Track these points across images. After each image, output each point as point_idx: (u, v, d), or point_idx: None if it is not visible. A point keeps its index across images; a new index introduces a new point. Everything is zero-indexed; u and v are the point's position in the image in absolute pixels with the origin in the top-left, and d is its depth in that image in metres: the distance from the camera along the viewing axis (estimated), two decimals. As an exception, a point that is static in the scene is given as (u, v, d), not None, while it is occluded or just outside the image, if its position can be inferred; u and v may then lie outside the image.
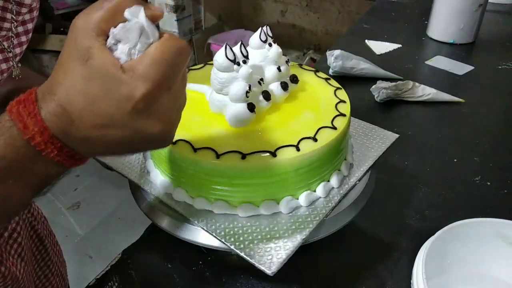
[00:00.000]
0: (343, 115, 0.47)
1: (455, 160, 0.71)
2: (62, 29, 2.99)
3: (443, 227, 0.48)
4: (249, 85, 0.44)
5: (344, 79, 0.92)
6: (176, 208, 0.46)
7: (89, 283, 0.52)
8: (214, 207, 0.45)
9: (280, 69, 0.49)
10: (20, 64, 0.47)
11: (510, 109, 0.90)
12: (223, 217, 0.44)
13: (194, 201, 0.45)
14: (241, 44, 0.45)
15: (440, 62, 1.04)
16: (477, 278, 0.50)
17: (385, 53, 1.09)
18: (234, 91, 0.44)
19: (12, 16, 0.44)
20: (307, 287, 0.51)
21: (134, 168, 0.51)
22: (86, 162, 0.31)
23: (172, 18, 2.28)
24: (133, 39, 0.27)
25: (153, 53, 0.27)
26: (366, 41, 1.14)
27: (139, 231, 0.57)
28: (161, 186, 0.48)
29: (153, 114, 0.28)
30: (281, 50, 0.50)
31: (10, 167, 0.28)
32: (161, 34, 0.28)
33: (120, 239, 1.32)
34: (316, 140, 0.44)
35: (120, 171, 0.51)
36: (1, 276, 0.50)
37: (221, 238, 0.42)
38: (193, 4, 2.36)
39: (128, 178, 0.50)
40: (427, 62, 1.04)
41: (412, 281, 0.45)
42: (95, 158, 0.44)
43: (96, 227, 1.74)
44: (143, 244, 0.56)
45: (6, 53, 0.45)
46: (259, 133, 0.45)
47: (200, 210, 0.45)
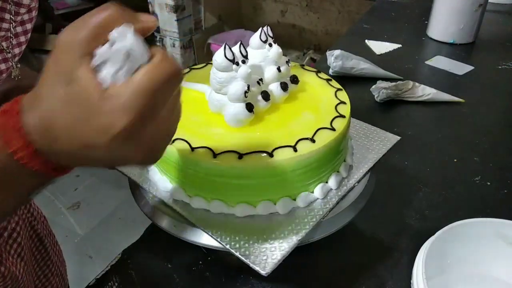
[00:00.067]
0: (343, 117, 0.47)
1: (455, 160, 0.71)
2: (62, 29, 2.98)
3: (443, 227, 0.48)
4: (248, 85, 0.44)
5: (344, 79, 0.92)
6: (174, 207, 0.46)
7: (89, 283, 0.52)
8: (211, 207, 0.45)
9: (280, 70, 0.49)
10: (20, 65, 0.47)
11: (510, 109, 0.90)
12: (220, 216, 0.44)
13: (192, 200, 0.46)
14: (241, 44, 0.45)
15: (440, 62, 1.04)
16: (477, 278, 0.50)
17: (385, 53, 1.09)
18: (233, 91, 0.44)
19: (11, 17, 0.44)
20: (307, 287, 0.51)
21: (136, 167, 0.51)
22: (72, 171, 0.30)
23: (172, 18, 2.28)
24: (119, 62, 0.25)
25: (139, 81, 0.25)
26: (366, 41, 1.14)
27: (139, 231, 0.57)
28: (159, 185, 0.48)
29: (135, 143, 0.26)
30: (281, 51, 0.50)
31: None
32: (152, 54, 0.26)
33: (120, 239, 1.32)
34: (314, 141, 0.43)
35: (120, 169, 0.51)
36: (1, 276, 0.50)
37: (217, 238, 0.42)
38: (193, 4, 2.36)
39: (128, 177, 0.50)
40: (427, 62, 1.04)
41: (412, 281, 0.45)
42: None
43: (96, 227, 1.74)
44: (143, 244, 0.56)
45: (5, 54, 0.45)
46: (258, 133, 0.45)
47: (197, 209, 0.45)
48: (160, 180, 0.48)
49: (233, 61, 0.44)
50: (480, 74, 1.00)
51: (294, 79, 0.51)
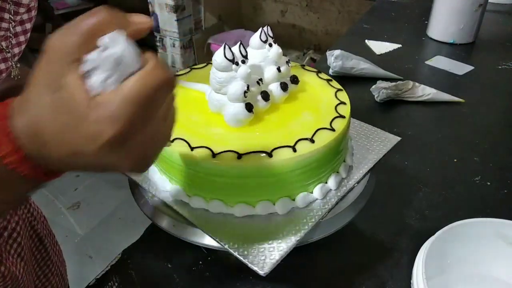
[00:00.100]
0: (343, 117, 0.47)
1: (455, 160, 0.71)
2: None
3: (443, 227, 0.48)
4: (248, 85, 0.44)
5: (344, 79, 0.92)
6: (173, 206, 0.46)
7: (89, 283, 0.52)
8: (210, 206, 0.45)
9: (280, 70, 0.49)
10: (19, 64, 0.47)
11: (510, 109, 0.90)
12: (219, 216, 0.44)
13: (191, 200, 0.46)
14: (240, 44, 0.45)
15: (440, 62, 1.04)
16: (477, 278, 0.50)
17: (385, 53, 1.09)
18: (232, 91, 0.44)
19: (10, 16, 0.44)
20: (307, 287, 0.51)
21: None
22: (63, 175, 0.30)
23: (172, 18, 2.28)
24: (109, 69, 0.24)
25: (128, 90, 0.24)
26: (366, 41, 1.14)
27: (139, 231, 0.57)
28: (159, 184, 0.48)
29: (125, 151, 0.26)
30: (282, 51, 0.50)
31: None
32: (145, 61, 0.25)
33: (120, 239, 1.32)
34: (314, 142, 0.43)
35: None
36: (1, 276, 0.50)
37: (216, 237, 0.42)
38: (193, 4, 2.36)
39: (128, 176, 0.50)
40: (427, 62, 1.04)
41: (412, 281, 0.45)
42: None
43: (96, 227, 1.74)
44: (143, 244, 0.56)
45: (5, 53, 0.45)
46: (257, 133, 0.45)
47: (197, 209, 0.45)
48: (160, 180, 0.48)
49: (233, 61, 0.44)
50: (480, 74, 1.00)
51: (294, 79, 0.51)
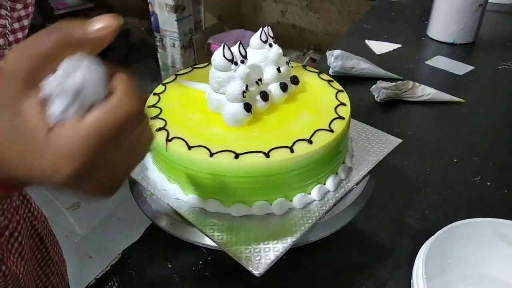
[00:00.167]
0: (342, 118, 0.47)
1: (455, 160, 0.71)
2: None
3: (443, 227, 0.48)
4: (246, 85, 0.44)
5: (344, 79, 0.92)
6: (170, 204, 0.46)
7: (89, 283, 0.52)
8: (207, 206, 0.45)
9: (280, 70, 0.49)
10: None
11: (510, 109, 0.90)
12: (216, 215, 0.44)
13: (188, 199, 0.46)
14: (240, 44, 0.45)
15: (440, 62, 1.04)
16: (477, 278, 0.50)
17: (385, 53, 1.09)
18: (231, 91, 0.44)
19: (7, 13, 0.43)
20: (307, 287, 0.51)
21: None
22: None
23: (172, 18, 2.28)
24: (69, 98, 0.23)
25: (89, 126, 0.22)
26: (366, 41, 1.14)
27: (139, 231, 0.57)
28: (157, 183, 0.48)
29: (88, 182, 0.24)
30: (282, 51, 0.50)
31: None
32: (113, 89, 0.23)
33: (120, 239, 1.32)
34: (311, 143, 0.43)
35: None
36: (2, 275, 0.50)
37: (212, 237, 0.42)
38: (193, 4, 2.36)
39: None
40: (427, 62, 1.04)
41: (412, 281, 0.45)
42: None
43: (96, 227, 1.74)
44: (143, 244, 0.56)
45: (2, 50, 0.44)
46: (255, 133, 0.45)
47: (194, 208, 0.45)
48: (158, 178, 0.48)
49: (232, 61, 0.44)
50: (480, 74, 1.00)
51: (295, 80, 0.51)
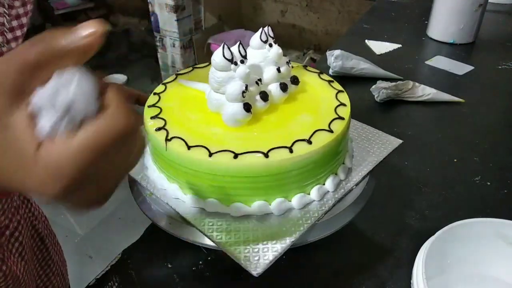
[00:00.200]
0: (342, 119, 0.47)
1: (455, 160, 0.71)
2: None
3: (443, 227, 0.48)
4: (246, 85, 0.44)
5: (344, 79, 0.92)
6: (170, 203, 0.46)
7: (89, 283, 0.52)
8: (206, 205, 0.45)
9: (280, 70, 0.48)
10: None
11: (510, 109, 0.90)
12: (215, 215, 0.44)
13: (187, 198, 0.46)
14: (240, 44, 0.45)
15: (440, 62, 1.04)
16: (477, 278, 0.50)
17: (385, 53, 1.09)
18: (231, 91, 0.44)
19: (5, 10, 0.43)
20: (307, 287, 0.51)
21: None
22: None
23: (172, 18, 2.28)
24: (59, 114, 0.22)
25: (80, 143, 0.22)
26: (366, 41, 1.14)
27: (139, 231, 0.57)
28: (157, 183, 0.48)
29: (77, 195, 0.24)
30: (282, 51, 0.49)
31: None
32: (105, 104, 0.23)
33: (120, 239, 1.32)
34: (311, 143, 0.43)
35: None
36: (2, 275, 0.50)
37: (211, 236, 0.42)
38: (193, 4, 2.36)
39: (128, 174, 0.50)
40: (427, 62, 1.04)
41: (412, 281, 0.45)
42: None
43: (96, 227, 1.74)
44: (143, 244, 0.56)
45: (1, 48, 0.44)
46: (255, 133, 0.45)
47: (193, 208, 0.45)
48: (158, 178, 0.48)
49: (232, 61, 0.44)
50: (480, 74, 1.00)
51: (295, 80, 0.51)
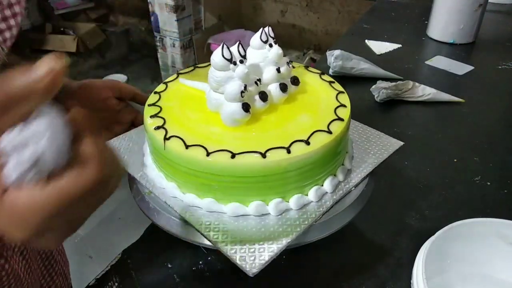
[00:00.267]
0: (341, 120, 0.47)
1: (455, 160, 0.71)
2: (62, 29, 3.00)
3: (443, 227, 0.48)
4: (245, 85, 0.44)
5: (344, 79, 0.92)
6: (168, 202, 0.46)
7: (89, 283, 0.52)
8: (204, 205, 0.45)
9: (280, 70, 0.48)
10: (13, 53, 0.46)
11: (510, 109, 0.90)
12: (212, 215, 0.45)
13: (185, 197, 0.46)
14: (239, 44, 0.45)
15: (440, 62, 1.04)
16: (477, 278, 0.50)
17: (385, 53, 1.09)
18: (229, 90, 0.44)
19: None
20: (307, 287, 0.51)
21: (135, 163, 0.52)
22: None
23: (172, 18, 2.28)
24: (27, 165, 0.22)
25: (46, 197, 0.21)
26: (366, 41, 1.14)
27: (139, 231, 0.57)
28: (156, 181, 0.48)
29: (45, 239, 0.24)
30: (282, 51, 0.49)
31: None
32: (80, 156, 0.22)
33: (120, 239, 1.32)
34: (309, 144, 0.43)
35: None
36: (5, 274, 0.50)
37: (208, 236, 0.42)
38: (193, 4, 2.36)
39: (128, 172, 0.51)
40: (427, 62, 1.04)
41: (412, 281, 0.45)
42: None
43: (96, 227, 1.74)
44: (143, 244, 0.57)
45: None
46: (253, 134, 0.45)
47: (191, 207, 0.45)
48: (157, 177, 0.48)
49: (231, 61, 0.44)
50: (480, 74, 1.00)
51: (295, 81, 0.51)
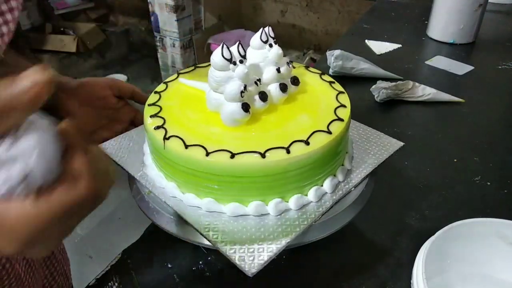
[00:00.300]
0: (341, 120, 0.47)
1: (455, 160, 0.71)
2: (62, 29, 3.00)
3: (443, 227, 0.48)
4: (245, 85, 0.44)
5: (344, 79, 0.92)
6: (168, 202, 0.46)
7: (89, 283, 0.52)
8: (203, 204, 0.45)
9: (280, 70, 0.48)
10: (11, 48, 0.45)
11: (510, 109, 0.90)
12: (211, 214, 0.45)
13: (184, 197, 0.46)
14: (239, 44, 0.45)
15: (440, 62, 1.04)
16: (477, 278, 0.50)
17: (385, 53, 1.09)
18: (229, 90, 0.44)
19: None
20: (307, 287, 0.51)
21: (135, 163, 0.52)
22: None
23: (172, 18, 2.28)
24: (15, 181, 0.22)
25: (36, 212, 0.21)
26: (366, 41, 1.14)
27: (139, 231, 0.57)
28: (155, 181, 0.48)
29: (38, 248, 0.24)
30: (282, 52, 0.49)
31: None
32: (69, 169, 0.22)
33: (120, 239, 1.32)
34: (308, 144, 0.43)
35: (121, 164, 0.51)
36: (6, 273, 0.50)
37: (207, 235, 0.42)
38: (193, 4, 2.36)
39: (128, 172, 0.51)
40: (427, 62, 1.04)
41: (412, 281, 0.45)
42: None
43: (96, 227, 1.74)
44: (143, 244, 0.57)
45: None
46: (253, 134, 0.45)
47: (190, 207, 0.45)
48: (157, 176, 0.48)
49: (231, 61, 0.44)
50: (480, 74, 1.00)
51: (295, 81, 0.51)
